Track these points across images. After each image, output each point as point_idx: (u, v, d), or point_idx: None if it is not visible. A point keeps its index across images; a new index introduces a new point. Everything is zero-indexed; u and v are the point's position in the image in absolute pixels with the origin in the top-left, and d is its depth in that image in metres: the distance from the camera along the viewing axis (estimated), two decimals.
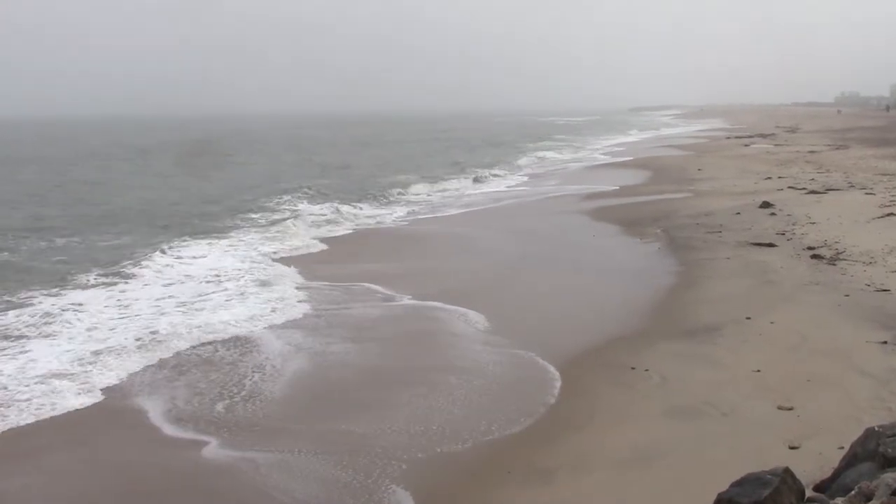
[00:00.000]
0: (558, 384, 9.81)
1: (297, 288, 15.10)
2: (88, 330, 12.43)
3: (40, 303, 14.08)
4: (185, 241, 20.54)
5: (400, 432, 8.61)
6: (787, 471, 5.04)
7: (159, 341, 11.85)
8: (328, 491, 7.39)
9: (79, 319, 12.95)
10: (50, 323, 12.77)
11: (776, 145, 52.06)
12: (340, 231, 23.10)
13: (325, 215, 25.67)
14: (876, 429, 5.38)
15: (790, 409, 8.31)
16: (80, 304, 13.90)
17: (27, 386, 9.98)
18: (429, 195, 32.06)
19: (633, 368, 9.99)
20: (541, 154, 55.13)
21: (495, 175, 39.54)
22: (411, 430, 8.66)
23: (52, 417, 9.19)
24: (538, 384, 9.87)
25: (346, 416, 9.13)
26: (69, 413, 9.33)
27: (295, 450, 8.22)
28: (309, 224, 23.86)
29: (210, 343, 11.83)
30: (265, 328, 12.54)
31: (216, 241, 20.72)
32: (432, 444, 8.26)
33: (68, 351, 11.39)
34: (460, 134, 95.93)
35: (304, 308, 13.64)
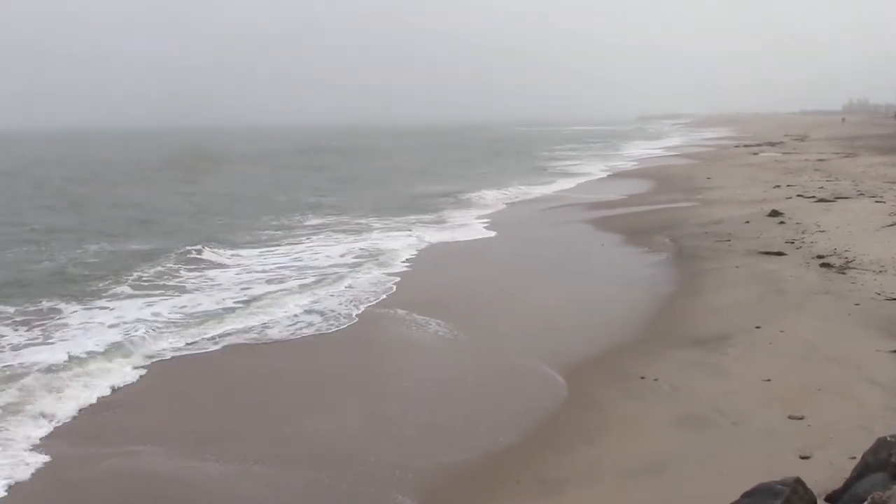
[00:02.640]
0: (566, 393, 9.79)
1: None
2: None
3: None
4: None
5: (405, 441, 8.60)
6: (798, 481, 5.03)
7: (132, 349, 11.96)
8: (333, 501, 7.40)
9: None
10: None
11: (784, 153, 51.94)
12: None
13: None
14: (888, 439, 5.36)
15: (800, 418, 8.26)
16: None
17: None
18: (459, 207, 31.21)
19: (642, 378, 9.96)
20: (569, 162, 54.69)
21: (520, 187, 38.28)
22: (417, 440, 8.65)
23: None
24: (546, 393, 9.84)
25: (349, 425, 9.13)
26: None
27: (296, 461, 8.22)
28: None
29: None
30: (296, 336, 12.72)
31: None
32: (438, 454, 8.24)
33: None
34: (479, 143, 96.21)
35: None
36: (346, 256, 19.82)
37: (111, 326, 13.21)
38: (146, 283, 16.75)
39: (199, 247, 20.65)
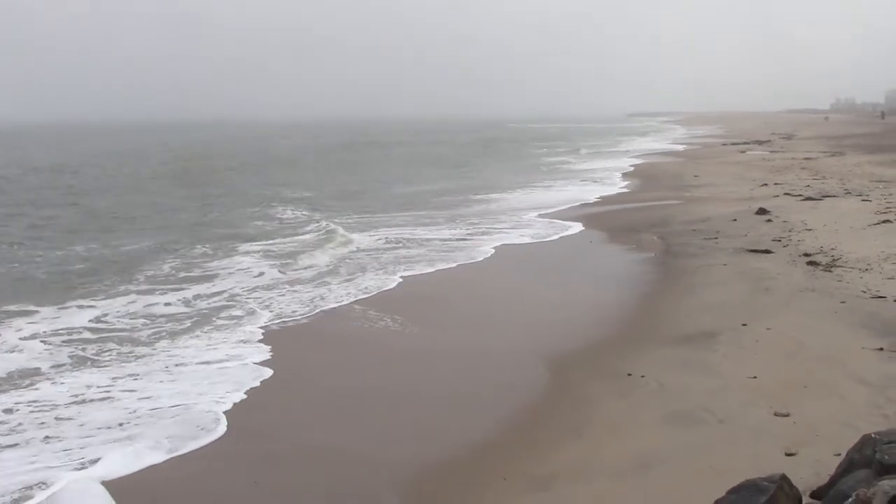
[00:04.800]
0: (555, 390, 9.80)
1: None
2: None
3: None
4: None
5: (392, 438, 8.60)
6: (783, 478, 5.05)
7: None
8: (311, 500, 7.39)
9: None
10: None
11: (772, 152, 52.25)
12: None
13: None
14: (872, 435, 5.39)
15: (786, 415, 8.30)
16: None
17: None
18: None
19: (629, 375, 9.98)
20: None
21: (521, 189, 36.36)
22: (404, 436, 8.66)
23: None
24: (534, 390, 9.85)
25: (335, 422, 9.12)
26: None
27: (281, 458, 8.20)
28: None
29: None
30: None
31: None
32: (425, 450, 8.23)
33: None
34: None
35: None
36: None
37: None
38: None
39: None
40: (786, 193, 26.70)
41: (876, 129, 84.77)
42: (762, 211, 22.31)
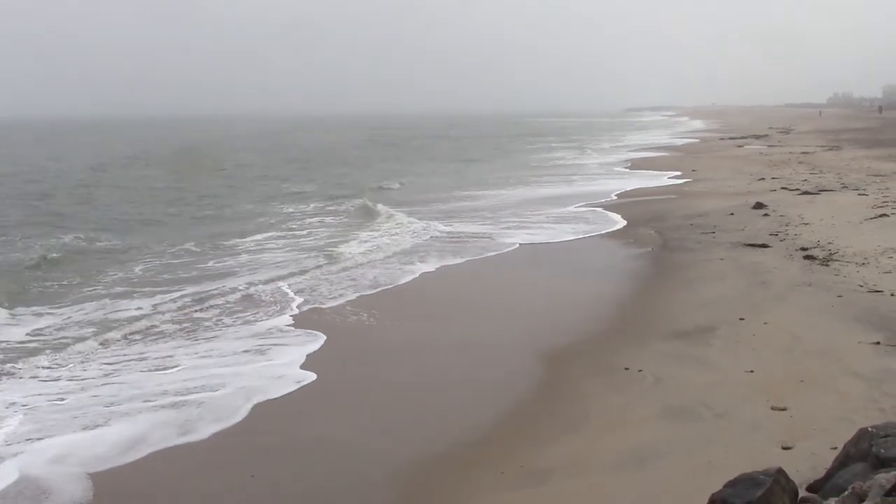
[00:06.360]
0: (551, 385, 9.80)
1: None
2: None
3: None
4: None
5: (387, 432, 8.60)
6: (780, 471, 5.05)
7: None
8: (307, 494, 7.40)
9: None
10: None
11: (769, 146, 52.21)
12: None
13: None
14: (869, 429, 5.39)
15: (783, 409, 8.31)
16: None
17: None
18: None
19: (626, 369, 9.98)
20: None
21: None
22: (399, 430, 8.65)
23: None
24: (530, 385, 9.86)
25: (328, 416, 9.12)
26: None
27: (273, 449, 8.21)
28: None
29: None
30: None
31: None
32: (421, 445, 8.23)
33: None
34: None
35: None
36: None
37: None
38: None
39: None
40: (783, 188, 26.70)
41: (873, 123, 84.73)
42: (759, 205, 22.32)
